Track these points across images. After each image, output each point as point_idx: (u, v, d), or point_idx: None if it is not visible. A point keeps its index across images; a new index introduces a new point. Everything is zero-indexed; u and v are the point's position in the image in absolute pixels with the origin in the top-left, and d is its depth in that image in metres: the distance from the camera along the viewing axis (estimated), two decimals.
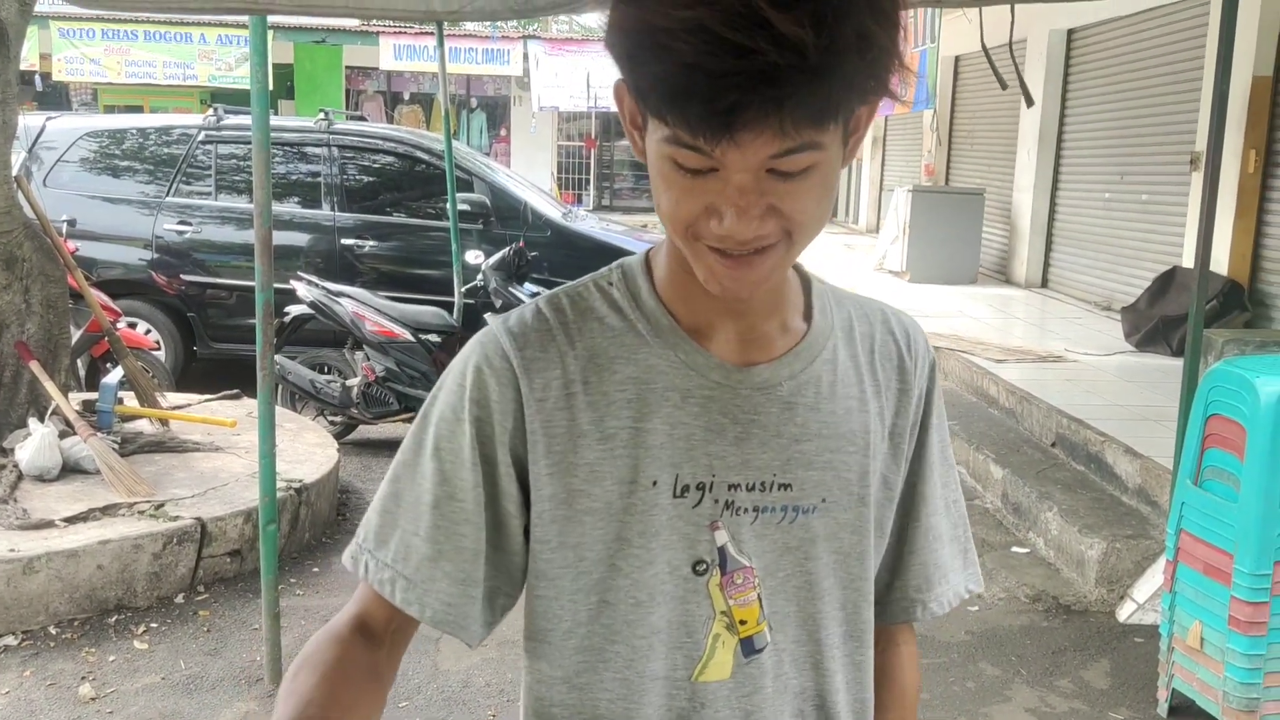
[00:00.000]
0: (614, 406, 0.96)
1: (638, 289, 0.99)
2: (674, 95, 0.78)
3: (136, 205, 6.99)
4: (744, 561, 0.98)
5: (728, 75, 0.75)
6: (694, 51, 0.75)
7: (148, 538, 3.89)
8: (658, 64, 0.77)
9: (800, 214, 0.84)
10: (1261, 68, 6.97)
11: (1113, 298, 8.96)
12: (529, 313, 0.99)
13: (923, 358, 1.09)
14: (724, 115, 0.76)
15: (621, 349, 0.97)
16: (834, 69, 0.76)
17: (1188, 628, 3.14)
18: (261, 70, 3.07)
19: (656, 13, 0.76)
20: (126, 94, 16.86)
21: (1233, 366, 3.08)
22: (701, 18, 0.74)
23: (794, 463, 0.98)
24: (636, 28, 0.78)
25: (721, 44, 0.74)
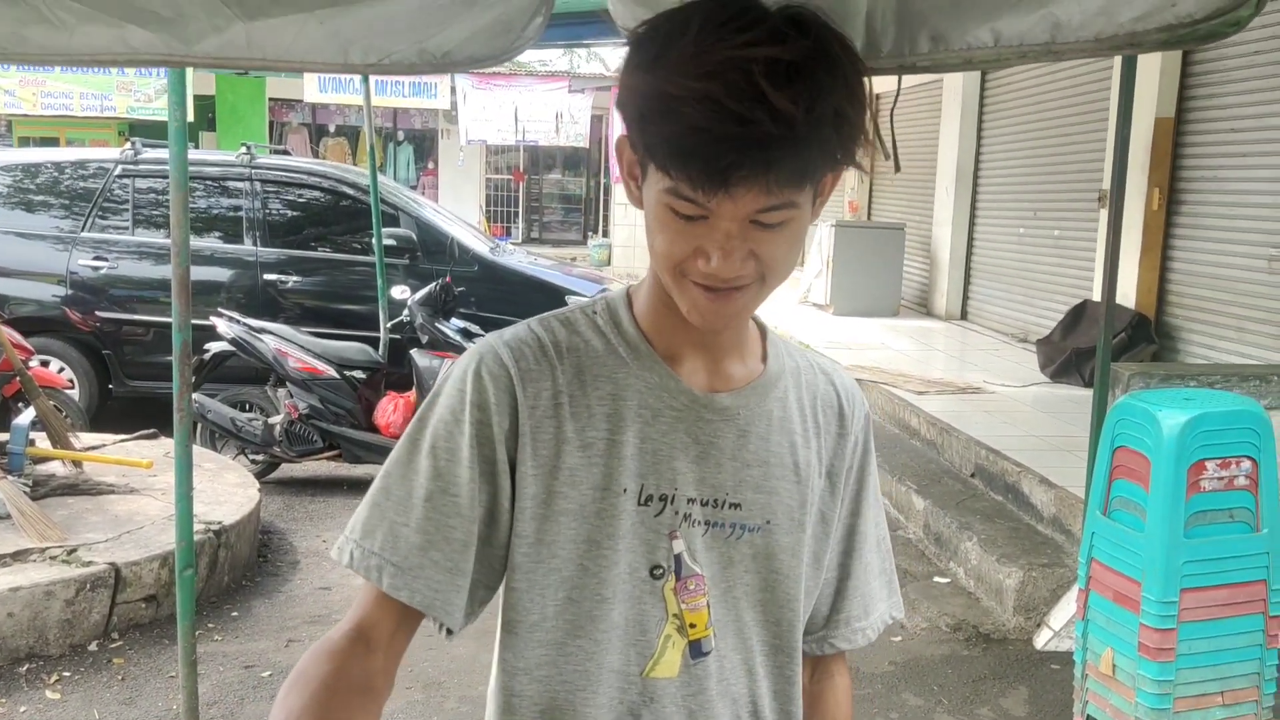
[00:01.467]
0: (594, 419, 1.06)
1: (619, 318, 1.11)
2: (680, 153, 0.91)
3: (50, 240, 6.83)
4: (697, 569, 1.09)
5: (728, 140, 0.88)
6: (701, 117, 0.88)
7: (60, 584, 3.78)
8: (668, 125, 0.90)
9: (774, 260, 0.98)
10: (1164, 109, 7.27)
11: (1028, 330, 9.21)
12: (523, 330, 1.10)
13: (859, 409, 1.22)
14: (721, 173, 0.90)
15: (603, 369, 1.08)
16: (814, 139, 0.90)
17: (1100, 654, 3.22)
18: (180, 109, 3.04)
19: (671, 83, 0.90)
20: (42, 126, 16.48)
21: (1137, 400, 3.19)
22: (710, 89, 0.88)
23: (744, 485, 1.10)
24: (652, 93, 0.92)
25: (725, 113, 0.88)
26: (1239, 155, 6.79)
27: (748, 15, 0.91)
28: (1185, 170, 7.31)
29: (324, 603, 4.42)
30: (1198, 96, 7.18)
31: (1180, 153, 7.33)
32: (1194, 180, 7.24)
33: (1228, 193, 6.90)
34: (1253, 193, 6.64)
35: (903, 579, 4.74)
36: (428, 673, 3.76)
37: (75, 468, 4.88)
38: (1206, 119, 7.12)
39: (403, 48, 1.65)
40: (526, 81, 16.95)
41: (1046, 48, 1.02)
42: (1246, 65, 6.67)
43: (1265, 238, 6.50)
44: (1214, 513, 3.03)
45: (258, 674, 3.76)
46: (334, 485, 6.10)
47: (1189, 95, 7.25)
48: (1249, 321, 6.61)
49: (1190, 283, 7.26)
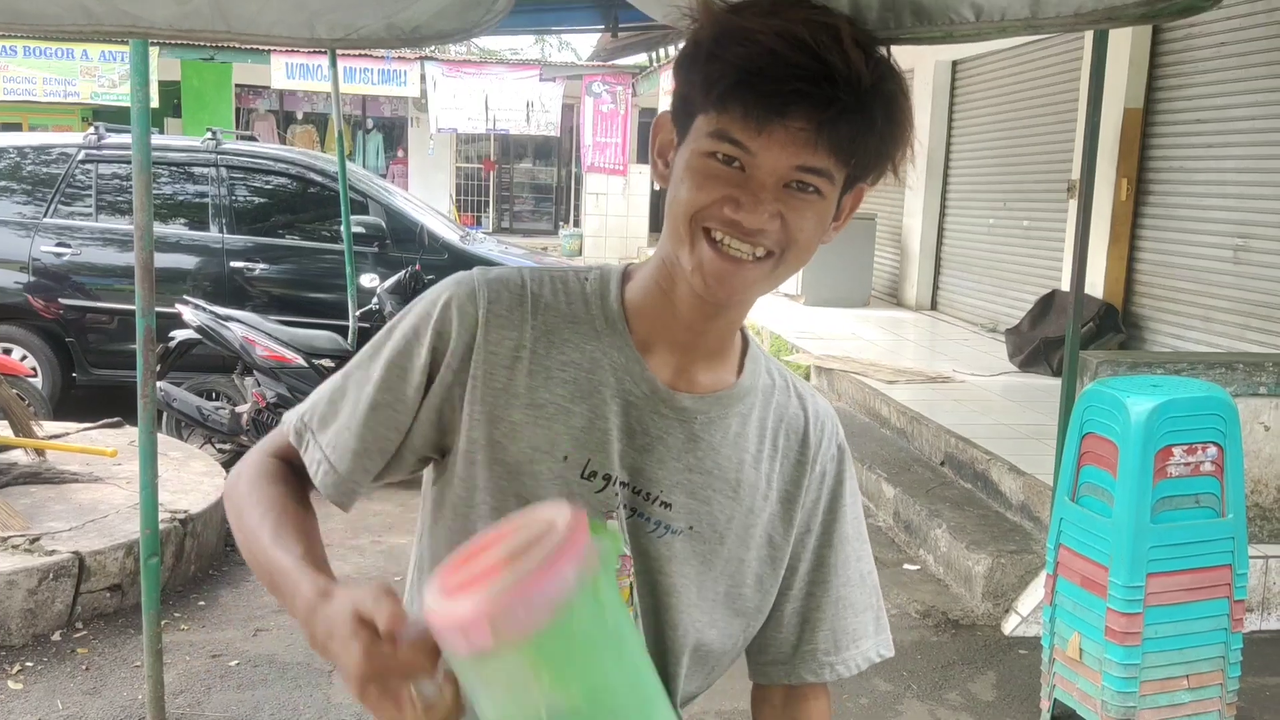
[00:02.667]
0: (551, 382, 1.05)
1: (608, 290, 1.10)
2: (749, 73, 0.91)
3: (12, 226, 6.71)
4: (626, 551, 1.09)
5: (799, 67, 0.90)
6: (778, 42, 0.90)
7: (22, 573, 3.72)
8: (742, 48, 0.92)
9: (798, 231, 0.98)
10: (1133, 100, 7.32)
11: (997, 320, 9.28)
12: (511, 274, 1.09)
13: (830, 438, 1.19)
14: (782, 100, 0.91)
15: (575, 335, 1.07)
16: (871, 112, 0.93)
17: (1067, 639, 3.25)
18: (142, 90, 2.99)
19: (752, 21, 0.93)
20: (4, 111, 16.20)
21: (1105, 387, 3.21)
22: (791, 24, 0.91)
23: (679, 488, 1.09)
24: (730, 27, 0.94)
25: (802, 45, 0.90)
26: (1206, 146, 6.86)
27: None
28: (1153, 160, 7.37)
29: None
30: (1166, 87, 7.25)
31: (1148, 143, 7.40)
32: (1162, 170, 7.30)
33: (1195, 183, 6.97)
34: (1219, 183, 6.71)
35: None
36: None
37: (38, 456, 4.81)
38: (1174, 109, 7.18)
39: (371, 21, 1.62)
40: (497, 70, 16.87)
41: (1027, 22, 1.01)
42: (1213, 56, 6.73)
43: (1231, 227, 6.57)
44: (1180, 498, 3.06)
45: (225, 663, 3.72)
46: None
47: (1157, 86, 7.31)
48: (1215, 310, 6.68)
49: (1157, 272, 7.33)
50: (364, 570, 4.62)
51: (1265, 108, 6.27)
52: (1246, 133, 6.45)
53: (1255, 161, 6.38)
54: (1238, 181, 6.54)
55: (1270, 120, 6.23)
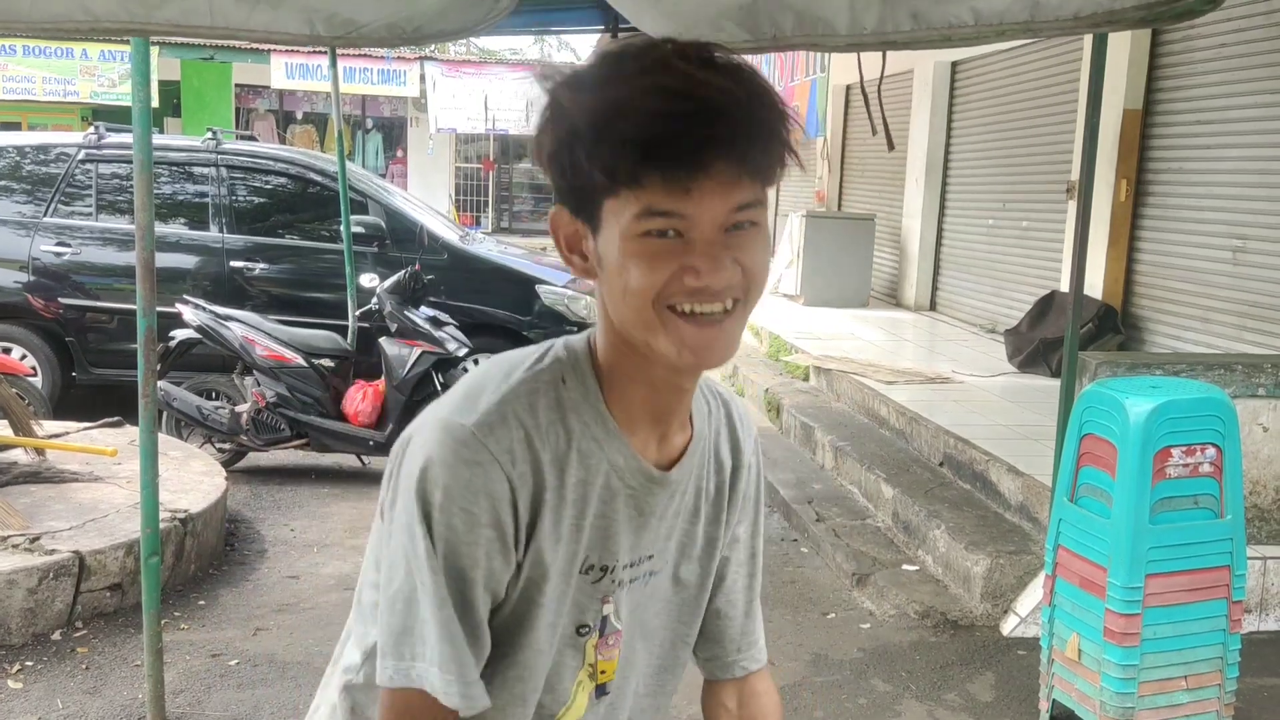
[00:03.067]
0: (566, 506, 1.05)
1: (588, 389, 1.06)
2: (648, 146, 0.89)
3: (12, 226, 6.72)
4: (618, 626, 1.14)
5: (688, 115, 0.88)
6: (661, 100, 0.88)
7: (22, 572, 3.72)
8: (626, 124, 0.89)
9: (754, 265, 0.97)
10: (1132, 101, 7.33)
11: (996, 320, 9.28)
12: (511, 423, 1.01)
13: (750, 435, 1.25)
14: (694, 153, 0.89)
15: (577, 454, 1.05)
16: (762, 117, 0.91)
17: (1066, 640, 3.26)
18: (144, 89, 2.99)
19: (615, 89, 0.90)
20: (4, 110, 16.20)
21: (1104, 388, 3.22)
22: (657, 81, 0.89)
23: (659, 537, 1.14)
24: (599, 106, 0.91)
25: (677, 95, 0.88)
26: (1205, 147, 6.86)
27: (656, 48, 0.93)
28: (1153, 162, 7.38)
29: (292, 591, 4.38)
30: (1165, 89, 7.25)
31: (1148, 144, 7.40)
32: (1161, 172, 7.31)
33: (1194, 184, 6.97)
34: (1218, 184, 6.71)
35: (871, 566, 4.78)
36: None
37: (38, 455, 4.81)
38: (1174, 111, 7.19)
39: (371, 20, 1.62)
40: (497, 70, 16.88)
41: (1026, 26, 1.02)
42: (1213, 58, 6.74)
43: (1230, 229, 6.57)
44: (1179, 499, 3.07)
45: (225, 663, 3.73)
46: (302, 474, 6.04)
47: (1157, 87, 7.32)
48: (1214, 311, 6.69)
49: (1157, 273, 7.34)
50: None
51: (1265, 109, 6.28)
52: (1246, 134, 6.46)
53: (1254, 163, 6.38)
54: (1237, 183, 6.54)
55: (1270, 122, 6.24)
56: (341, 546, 4.89)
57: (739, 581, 1.27)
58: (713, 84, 0.89)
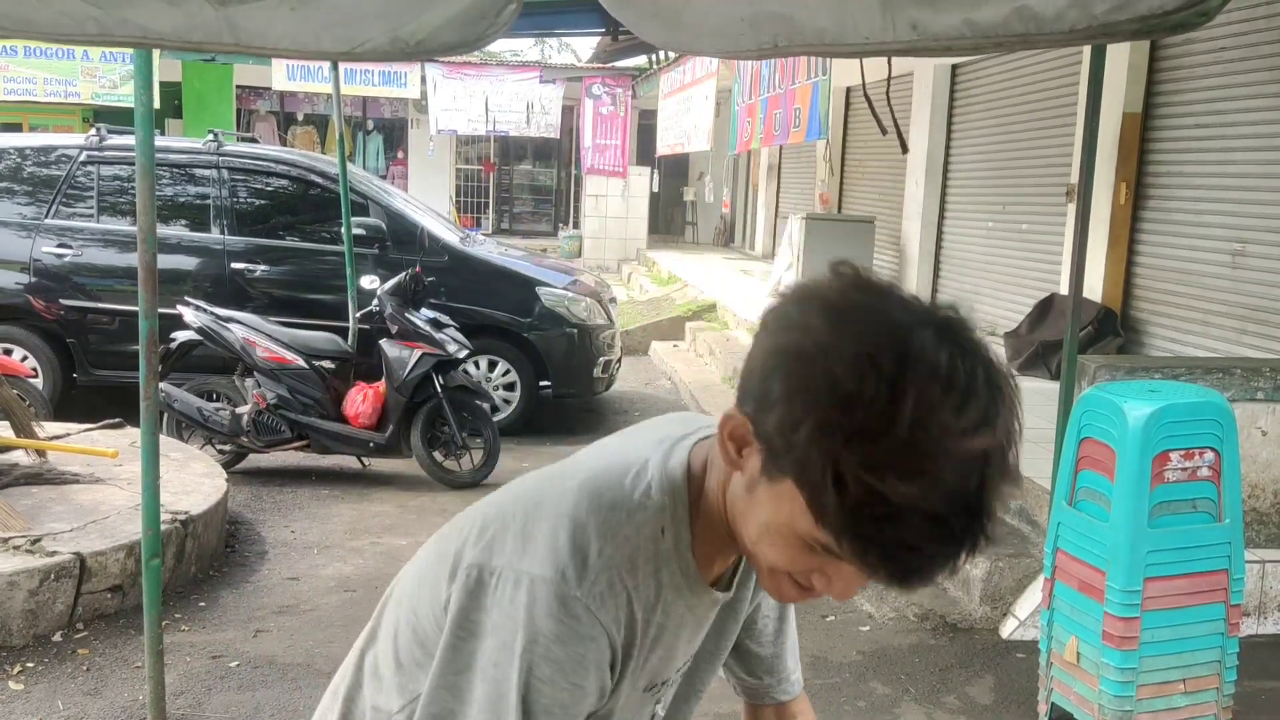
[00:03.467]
0: (643, 644, 1.06)
1: (681, 540, 1.04)
2: (882, 560, 0.82)
3: (13, 227, 6.73)
4: (662, 713, 1.22)
5: (941, 558, 0.82)
6: (918, 537, 0.79)
7: (23, 574, 3.73)
8: (880, 533, 0.80)
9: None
10: (1131, 105, 7.34)
11: (996, 323, 9.28)
12: (604, 586, 0.98)
13: None
14: (908, 579, 0.84)
15: (662, 605, 1.05)
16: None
17: (1065, 643, 3.26)
18: (146, 93, 3.01)
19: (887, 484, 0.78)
20: (5, 111, 16.21)
21: (1103, 391, 3.23)
22: (935, 506, 0.78)
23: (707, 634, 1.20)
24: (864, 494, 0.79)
25: (947, 536, 0.79)
26: (1205, 150, 6.87)
27: (957, 374, 0.80)
28: (1152, 165, 7.39)
29: (292, 593, 4.39)
30: (1165, 92, 7.26)
31: (1148, 147, 7.41)
32: (1161, 175, 7.32)
33: (1194, 187, 6.98)
34: (1218, 187, 6.72)
35: None
36: None
37: (39, 457, 4.82)
38: (1173, 114, 7.19)
39: (376, 35, 1.64)
40: (498, 71, 16.88)
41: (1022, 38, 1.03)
42: (1212, 61, 6.75)
43: (1230, 232, 6.58)
44: (1177, 503, 3.07)
45: (225, 664, 3.74)
46: (302, 475, 6.05)
47: (1156, 91, 7.32)
48: (1213, 315, 6.69)
49: (1156, 276, 7.34)
50: (363, 571, 4.63)
51: (1265, 113, 6.29)
52: (1246, 138, 6.47)
53: (1254, 167, 6.39)
54: (1236, 186, 6.55)
55: (1269, 125, 6.25)
56: (342, 548, 4.89)
57: (769, 626, 1.33)
58: (986, 526, 0.82)
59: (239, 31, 1.66)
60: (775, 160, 16.98)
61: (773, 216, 17.18)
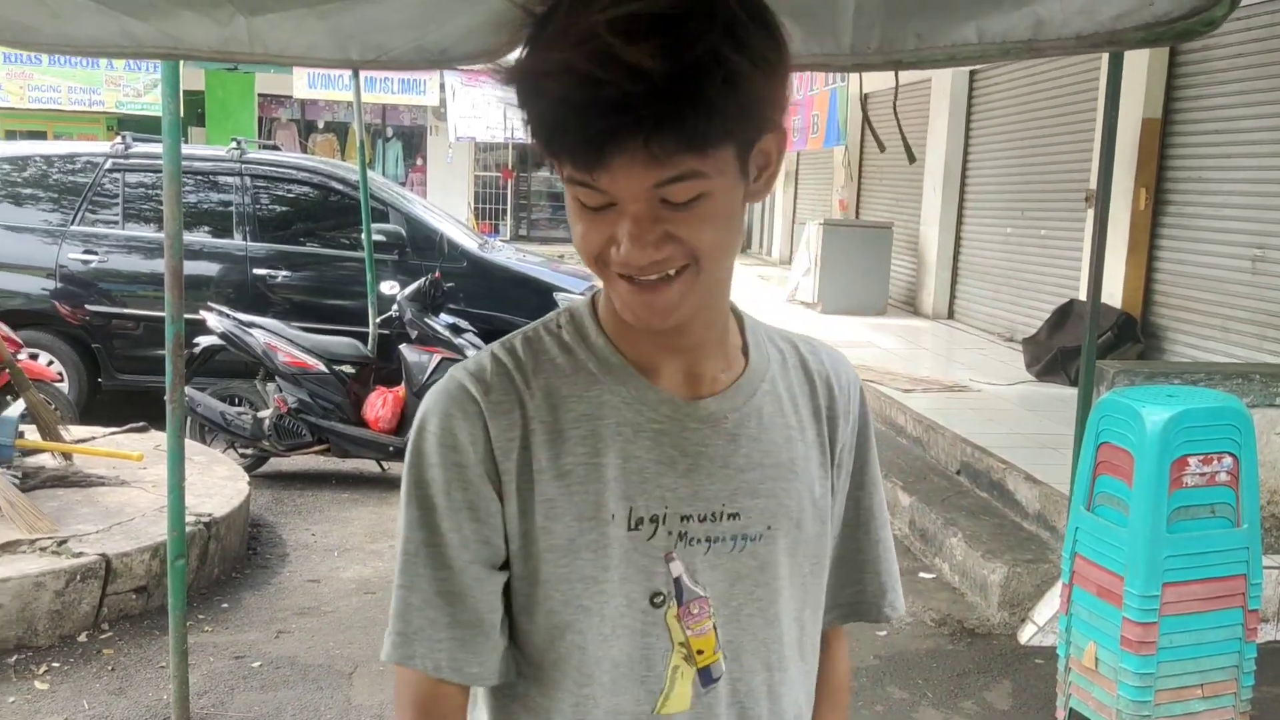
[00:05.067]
0: (569, 443, 0.98)
1: (585, 330, 1.03)
2: (550, 130, 0.85)
3: (39, 234, 6.82)
4: (699, 592, 1.01)
5: (589, 106, 0.81)
6: (561, 88, 0.82)
7: (49, 575, 3.78)
8: (535, 103, 0.86)
9: (699, 241, 0.89)
10: (1151, 110, 7.32)
11: (1015, 329, 9.27)
12: (486, 359, 1.02)
13: (852, 384, 1.14)
14: (593, 144, 0.83)
15: (574, 388, 1.00)
16: (689, 95, 0.81)
17: (1083, 649, 3.26)
18: (173, 102, 3.05)
19: (537, 59, 0.85)
20: (30, 119, 16.39)
21: (1121, 396, 3.23)
22: (568, 58, 0.82)
23: (740, 492, 1.02)
24: (521, 74, 0.86)
25: (583, 80, 0.81)
26: (1224, 155, 6.85)
27: None
28: (1172, 170, 7.37)
29: (313, 594, 4.43)
30: (1184, 97, 7.24)
31: (1167, 153, 7.39)
32: (1180, 180, 7.30)
33: (1213, 193, 6.96)
34: (1238, 193, 6.70)
35: None
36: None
37: (65, 460, 4.88)
38: (1193, 119, 7.18)
39: (401, 44, 1.67)
40: None
41: (1029, 45, 1.04)
42: (1231, 67, 6.73)
43: (1250, 237, 6.56)
44: (1196, 508, 3.08)
45: (248, 664, 3.78)
46: (323, 479, 6.10)
47: (1175, 96, 7.31)
48: (1233, 320, 6.67)
49: (1176, 282, 7.32)
50: (383, 573, 4.67)
51: None
52: (1265, 143, 6.45)
53: (1274, 172, 6.37)
54: (1256, 191, 6.53)
55: None
56: (361, 551, 4.93)
57: (837, 542, 1.16)
58: (630, 63, 0.79)
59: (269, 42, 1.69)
60: (793, 166, 16.98)
61: (790, 222, 17.18)
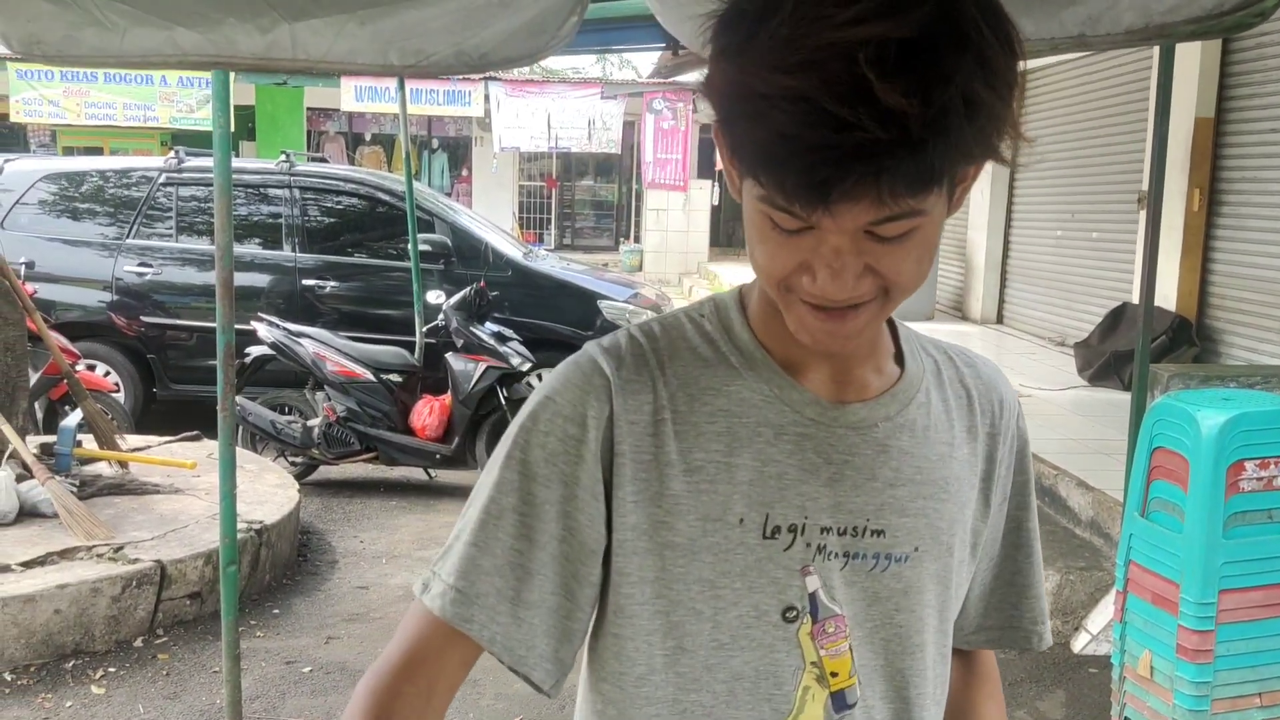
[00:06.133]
0: (703, 438, 0.92)
1: (730, 322, 0.97)
2: (769, 162, 0.76)
3: (96, 247, 6.97)
4: (836, 609, 0.93)
5: (826, 148, 0.72)
6: (792, 122, 0.72)
7: (106, 581, 3.86)
8: (754, 129, 0.75)
9: (898, 275, 0.82)
10: (1204, 110, 7.19)
11: (1066, 333, 9.14)
12: (623, 337, 0.96)
13: (1012, 402, 1.07)
14: (819, 188, 0.74)
15: (714, 380, 0.94)
16: (938, 138, 0.73)
17: (1138, 657, 3.20)
18: (224, 115, 3.10)
19: (757, 77, 0.74)
20: (86, 135, 16.75)
21: (1176, 400, 3.17)
22: (803, 87, 0.71)
23: (888, 508, 0.94)
24: (735, 89, 0.76)
25: (822, 116, 0.71)
26: None
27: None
28: (1226, 170, 7.23)
29: (362, 601, 4.47)
30: (1238, 96, 7.11)
31: (1221, 153, 7.26)
32: (1235, 181, 7.15)
33: (1269, 193, 6.82)
34: None
35: None
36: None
37: (121, 468, 4.97)
38: (1247, 119, 7.04)
39: (440, 49, 1.69)
40: (559, 88, 17.04)
41: (1079, 40, 1.02)
42: None
43: None
44: (1253, 513, 3.01)
45: (298, 669, 3.82)
46: (371, 487, 6.16)
47: (1229, 95, 7.17)
48: None
49: (1232, 284, 7.18)
50: None
51: None
52: None
53: None
54: None
55: None
56: (409, 558, 4.97)
57: (982, 568, 1.08)
58: (883, 105, 0.70)
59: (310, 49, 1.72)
60: None
61: None
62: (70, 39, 1.79)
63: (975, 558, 1.04)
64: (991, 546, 1.07)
